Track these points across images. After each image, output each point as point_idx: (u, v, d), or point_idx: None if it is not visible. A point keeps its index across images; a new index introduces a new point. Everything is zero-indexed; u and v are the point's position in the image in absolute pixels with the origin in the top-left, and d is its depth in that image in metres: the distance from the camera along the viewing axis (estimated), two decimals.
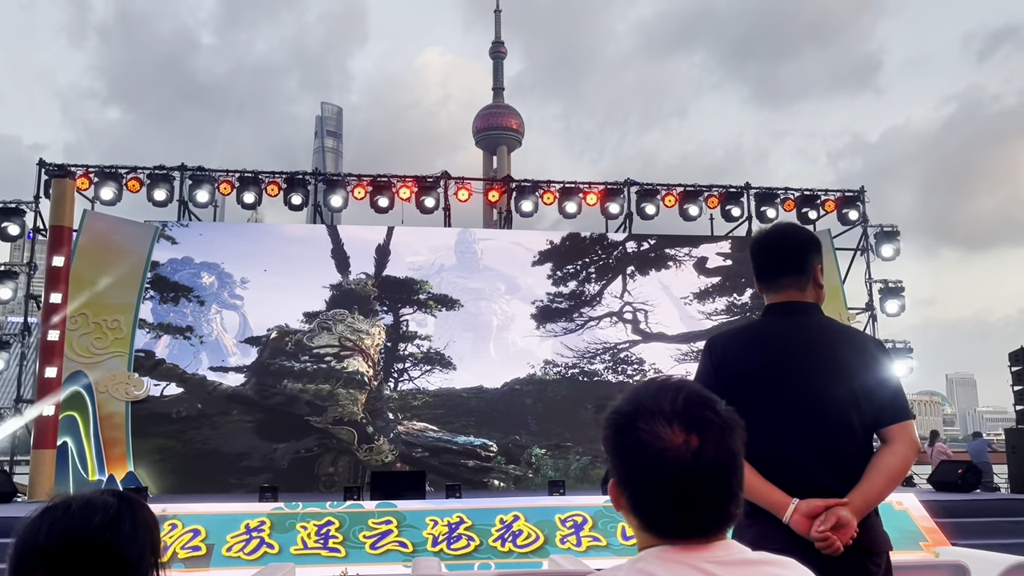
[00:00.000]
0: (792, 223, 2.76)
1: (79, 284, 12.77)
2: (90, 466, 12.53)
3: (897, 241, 15.70)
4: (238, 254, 14.47)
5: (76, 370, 12.67)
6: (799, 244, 2.60)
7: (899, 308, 15.49)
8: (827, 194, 15.97)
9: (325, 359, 14.42)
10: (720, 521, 1.25)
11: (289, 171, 14.93)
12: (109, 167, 14.16)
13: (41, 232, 13.55)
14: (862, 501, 2.30)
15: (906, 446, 2.40)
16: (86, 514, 1.30)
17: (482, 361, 15.09)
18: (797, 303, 2.55)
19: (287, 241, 15.08)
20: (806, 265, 2.56)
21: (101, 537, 1.29)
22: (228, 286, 14.31)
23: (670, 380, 1.29)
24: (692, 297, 15.82)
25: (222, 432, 13.47)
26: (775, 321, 2.55)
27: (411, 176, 15.04)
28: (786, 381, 2.41)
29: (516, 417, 14.86)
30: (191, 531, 8.27)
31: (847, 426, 2.39)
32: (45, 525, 1.29)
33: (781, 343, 2.48)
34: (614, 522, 8.69)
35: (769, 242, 2.64)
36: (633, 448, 1.24)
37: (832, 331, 2.55)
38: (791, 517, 2.27)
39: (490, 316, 15.44)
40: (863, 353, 2.48)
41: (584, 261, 15.79)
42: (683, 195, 15.46)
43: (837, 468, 2.35)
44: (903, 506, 9.19)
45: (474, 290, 15.35)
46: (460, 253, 15.52)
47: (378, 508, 8.80)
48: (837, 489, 2.31)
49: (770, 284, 2.59)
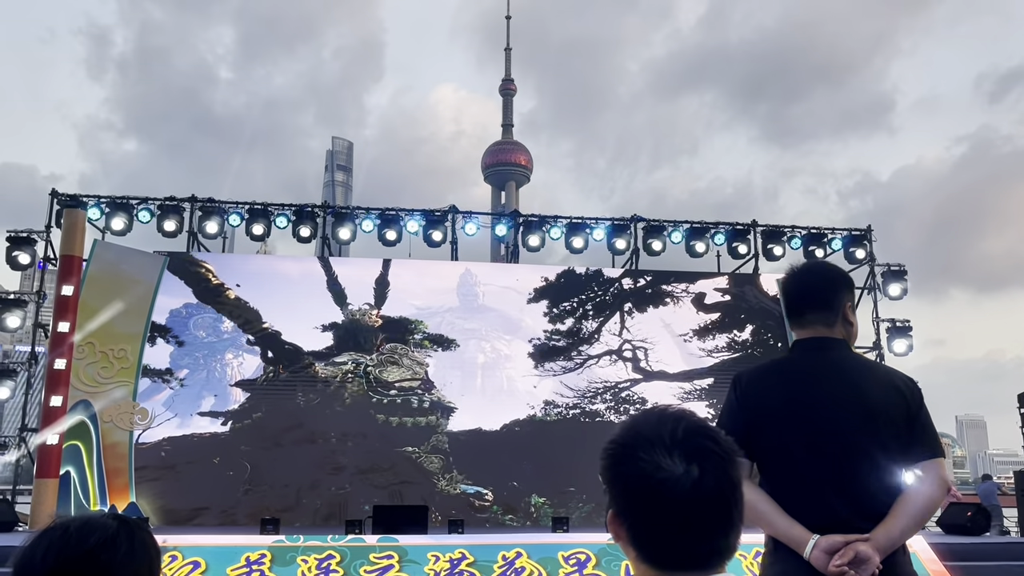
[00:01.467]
0: (824, 261, 2.80)
1: (87, 313, 12.82)
2: (92, 496, 12.46)
3: (904, 280, 15.66)
4: (226, 290, 14.30)
5: (81, 399, 12.66)
6: (828, 281, 2.61)
7: (907, 348, 15.40)
8: (834, 232, 15.98)
9: (414, 391, 14.49)
10: (720, 553, 1.24)
11: (298, 203, 15.03)
12: (120, 198, 14.29)
13: (52, 261, 13.64)
14: (885, 538, 2.27)
15: (933, 484, 2.37)
16: (83, 535, 1.30)
17: (480, 402, 14.79)
18: (824, 339, 2.54)
19: (285, 275, 14.96)
20: (835, 301, 2.57)
21: (96, 558, 1.29)
22: (246, 331, 14.22)
23: (669, 410, 1.29)
24: (692, 334, 15.64)
25: (215, 462, 13.38)
26: (801, 357, 2.55)
27: (419, 209, 15.12)
28: (809, 417, 2.40)
29: (514, 461, 14.47)
30: (191, 563, 8.20)
31: (871, 463, 2.37)
32: (42, 546, 1.30)
33: (805, 379, 2.48)
34: (618, 560, 8.59)
35: (798, 278, 2.65)
36: (633, 478, 1.23)
37: (860, 367, 2.54)
38: (811, 553, 2.25)
39: (488, 356, 15.20)
40: (891, 390, 2.46)
41: (580, 298, 15.66)
42: (690, 232, 15.50)
43: (859, 505, 2.33)
44: (912, 548, 9.04)
45: (471, 330, 15.14)
46: (462, 295, 15.36)
47: (379, 542, 8.72)
48: (860, 526, 2.29)
49: (798, 320, 2.61)
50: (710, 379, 15.29)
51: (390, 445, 14.09)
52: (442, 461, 14.25)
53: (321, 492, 13.50)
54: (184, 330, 13.92)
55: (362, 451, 13.96)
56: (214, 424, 13.61)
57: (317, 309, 14.57)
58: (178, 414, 13.48)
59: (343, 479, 13.66)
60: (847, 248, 15.80)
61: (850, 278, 2.73)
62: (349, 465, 13.80)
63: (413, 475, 14.01)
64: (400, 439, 14.16)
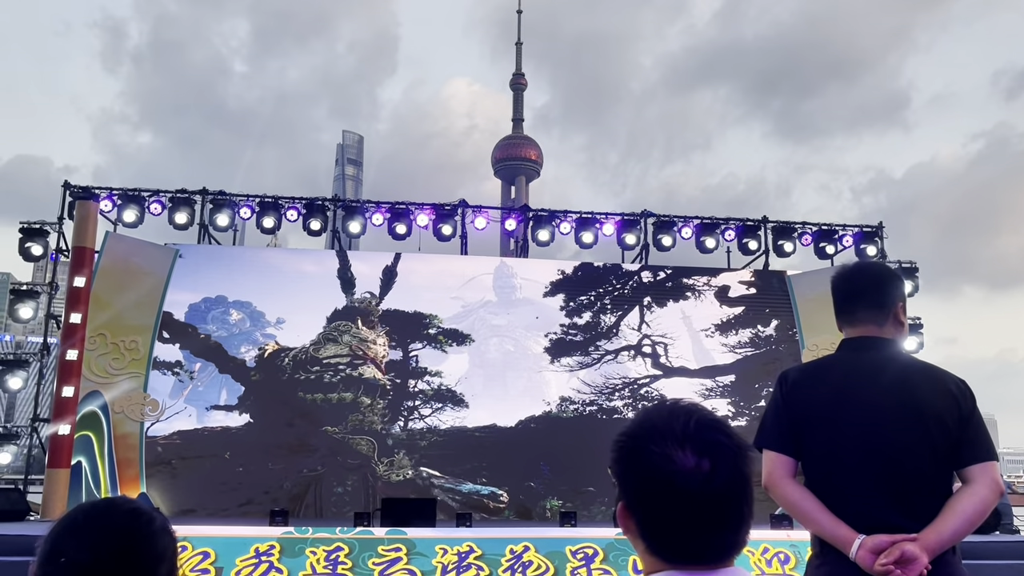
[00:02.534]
0: (878, 261, 2.78)
1: (99, 305, 12.89)
2: (103, 486, 12.55)
3: (916, 278, 15.58)
4: (238, 283, 14.27)
5: (93, 390, 12.74)
6: (880, 279, 2.60)
7: (917, 345, 15.32)
8: (845, 229, 15.92)
9: (339, 368, 14.16)
10: (729, 547, 1.24)
11: (309, 197, 15.07)
12: (132, 190, 14.36)
13: (64, 253, 13.72)
14: (936, 539, 2.25)
15: (986, 487, 2.33)
16: (118, 504, 1.35)
17: (496, 398, 14.53)
18: (874, 339, 2.53)
19: (293, 269, 14.82)
20: (886, 300, 2.55)
21: (149, 527, 1.35)
22: (260, 325, 14.21)
23: (680, 403, 1.29)
24: (714, 329, 15.33)
25: (227, 457, 13.43)
26: (849, 356, 2.53)
27: (429, 203, 15.13)
28: (855, 417, 2.39)
29: (530, 459, 14.15)
30: (201, 553, 8.26)
31: (918, 464, 2.35)
32: (80, 515, 1.34)
33: (854, 378, 2.46)
34: (625, 555, 8.60)
35: (850, 277, 2.64)
36: (643, 471, 1.23)
37: (910, 368, 2.51)
38: (857, 553, 2.23)
39: (506, 351, 14.95)
40: (942, 391, 2.43)
41: (598, 291, 15.39)
42: (700, 227, 15.46)
43: (906, 505, 2.32)
44: None
45: (498, 327, 14.90)
46: (499, 288, 15.11)
47: (388, 535, 8.75)
48: (906, 526, 2.27)
49: (848, 319, 2.59)
50: (732, 376, 15.04)
51: (314, 426, 13.84)
52: (369, 444, 13.86)
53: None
54: (202, 323, 13.97)
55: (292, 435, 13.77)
56: (228, 417, 13.66)
57: (327, 303, 14.54)
58: (192, 407, 13.55)
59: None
60: (858, 245, 15.72)
61: (902, 277, 2.71)
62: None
63: (344, 457, 13.72)
64: (321, 418, 13.90)
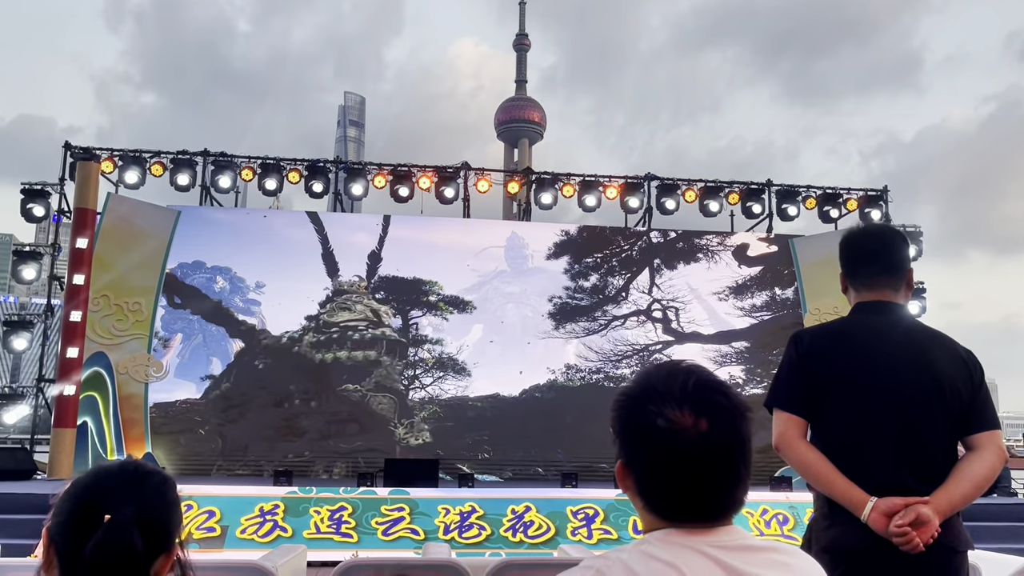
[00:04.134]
0: (888, 224, 2.76)
1: (101, 266, 12.91)
2: (109, 446, 12.69)
3: (920, 242, 15.54)
4: (235, 249, 14.11)
5: (97, 351, 12.82)
6: (896, 243, 2.59)
7: (920, 310, 15.33)
8: (849, 193, 15.83)
9: (359, 328, 14.02)
10: (726, 506, 1.26)
11: (311, 159, 14.99)
12: (133, 151, 14.29)
13: (66, 214, 13.71)
14: (947, 502, 2.28)
15: (994, 454, 2.38)
16: (163, 473, 1.43)
17: (499, 367, 14.14)
18: (890, 303, 2.53)
19: (279, 232, 14.51)
20: (902, 265, 2.56)
21: (174, 493, 1.41)
22: (241, 291, 14.03)
23: (681, 364, 1.30)
24: (728, 292, 14.82)
25: (241, 417, 13.54)
26: (866, 319, 2.53)
27: (431, 166, 15.05)
28: (874, 380, 2.39)
29: (535, 432, 13.63)
30: (206, 512, 8.38)
31: (933, 429, 2.37)
32: (130, 467, 1.38)
33: (871, 341, 2.46)
34: (625, 515, 8.70)
35: (865, 239, 2.62)
36: (641, 429, 1.25)
37: (923, 334, 2.53)
38: (869, 515, 2.25)
39: (507, 318, 14.56)
40: (951, 358, 2.46)
41: (605, 253, 14.97)
42: (703, 191, 15.37)
43: (919, 469, 2.34)
44: None
45: (511, 295, 14.54)
46: (511, 259, 14.82)
47: (391, 495, 8.86)
48: (918, 489, 2.29)
49: (864, 282, 2.56)
50: (746, 341, 14.73)
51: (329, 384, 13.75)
52: (392, 402, 13.75)
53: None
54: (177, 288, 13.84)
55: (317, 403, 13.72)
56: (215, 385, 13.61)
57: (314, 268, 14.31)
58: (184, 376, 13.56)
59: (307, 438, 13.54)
60: (862, 209, 15.66)
61: (909, 243, 2.71)
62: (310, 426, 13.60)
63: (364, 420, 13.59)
64: (337, 376, 13.77)
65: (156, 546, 1.32)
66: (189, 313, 13.81)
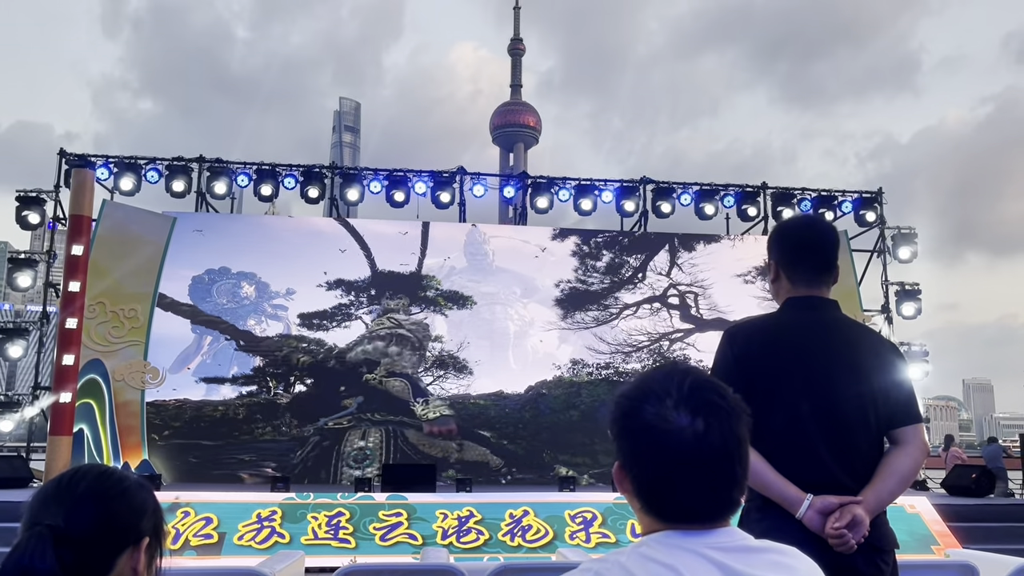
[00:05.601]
0: (821, 217, 2.76)
1: (97, 273, 12.89)
2: (105, 453, 12.66)
3: (914, 243, 15.58)
4: (242, 254, 14.13)
5: (93, 358, 12.79)
6: (832, 239, 2.61)
7: (915, 311, 15.37)
8: (844, 195, 15.87)
9: (381, 335, 14.07)
10: (723, 507, 1.26)
11: (306, 164, 14.99)
12: (129, 158, 14.28)
13: (61, 221, 13.69)
14: (875, 500, 2.31)
15: (918, 448, 2.42)
16: (88, 469, 1.37)
17: (501, 368, 13.97)
18: (823, 299, 2.55)
19: (294, 238, 14.58)
20: (835, 261, 2.59)
21: (120, 485, 1.36)
22: (268, 296, 14.10)
23: (678, 365, 1.31)
24: (755, 273, 14.18)
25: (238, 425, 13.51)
26: (799, 316, 2.54)
27: (427, 171, 15.05)
28: (807, 377, 2.41)
29: (543, 431, 13.37)
30: (203, 519, 8.35)
31: (863, 424, 2.39)
32: (51, 484, 1.35)
33: (804, 338, 2.48)
34: (623, 519, 8.69)
35: (806, 233, 2.62)
36: (638, 430, 1.25)
37: (851, 330, 2.57)
38: (805, 513, 2.26)
39: (506, 321, 14.33)
40: (880, 353, 2.50)
41: (615, 232, 14.52)
42: (699, 194, 15.39)
43: (851, 466, 2.36)
44: (915, 509, 9.13)
45: (488, 294, 14.36)
46: (471, 255, 14.65)
47: (389, 500, 8.85)
48: (851, 487, 2.31)
49: (804, 277, 2.56)
50: None
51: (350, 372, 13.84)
52: (404, 385, 13.77)
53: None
54: (207, 297, 13.89)
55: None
56: (235, 390, 13.67)
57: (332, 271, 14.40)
58: (202, 380, 13.59)
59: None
60: (857, 211, 15.70)
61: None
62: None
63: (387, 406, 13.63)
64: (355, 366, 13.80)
65: (96, 555, 1.29)
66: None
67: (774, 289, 2.65)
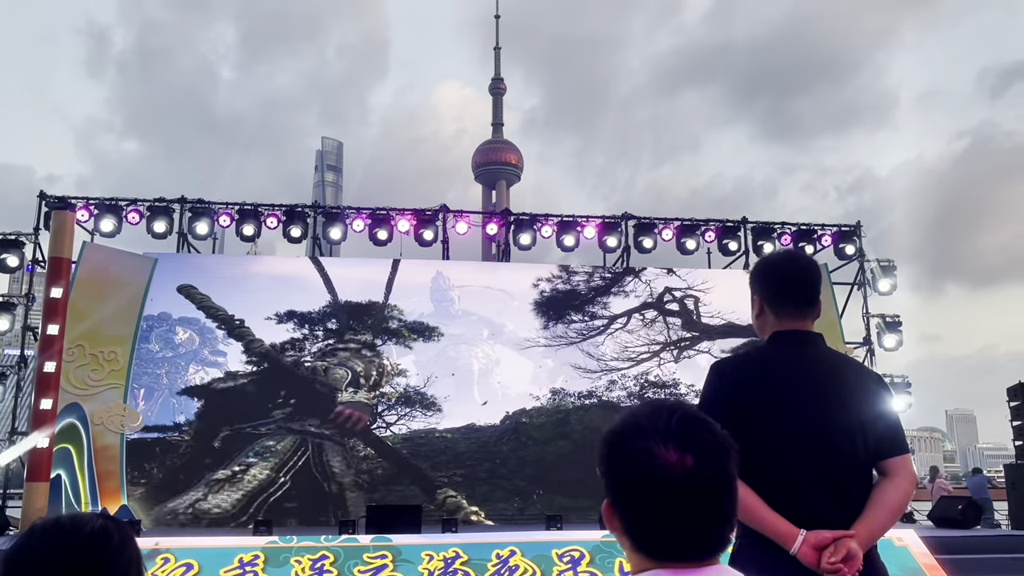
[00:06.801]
0: (803, 252, 2.80)
1: (77, 316, 12.74)
2: (83, 499, 12.41)
3: (894, 276, 15.74)
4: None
5: (72, 402, 12.60)
6: (816, 274, 2.65)
7: (897, 343, 15.47)
8: (824, 229, 16.04)
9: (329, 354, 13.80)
10: (713, 544, 1.25)
11: (288, 204, 14.99)
12: (109, 199, 14.23)
13: (40, 264, 13.57)
14: (867, 534, 2.30)
15: (907, 480, 2.42)
16: (77, 526, 1.32)
17: (468, 402, 13.46)
18: (808, 333, 2.57)
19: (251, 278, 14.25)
20: (818, 296, 2.62)
21: (91, 549, 1.31)
22: (210, 342, 13.72)
23: (667, 401, 1.31)
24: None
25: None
26: (786, 350, 2.55)
27: (410, 209, 15.09)
28: (796, 410, 2.41)
29: (527, 466, 12.68)
30: (184, 565, 8.17)
31: (852, 457, 2.40)
32: (36, 538, 1.31)
33: (792, 372, 2.49)
34: (611, 557, 8.60)
35: (799, 270, 2.64)
36: (627, 467, 1.24)
37: (837, 362, 2.58)
38: (799, 548, 2.25)
39: (471, 360, 13.93)
40: (866, 385, 2.51)
41: (599, 267, 14.37)
42: (680, 229, 15.50)
43: (841, 499, 2.36)
44: (903, 542, 9.10)
45: (454, 335, 14.08)
46: (437, 301, 14.43)
47: (373, 542, 8.71)
48: (841, 521, 2.31)
49: (790, 311, 2.58)
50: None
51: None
52: (347, 373, 13.48)
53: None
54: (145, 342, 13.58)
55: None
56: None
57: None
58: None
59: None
60: (836, 244, 15.86)
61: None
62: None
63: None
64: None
65: None
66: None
67: (759, 323, 2.66)
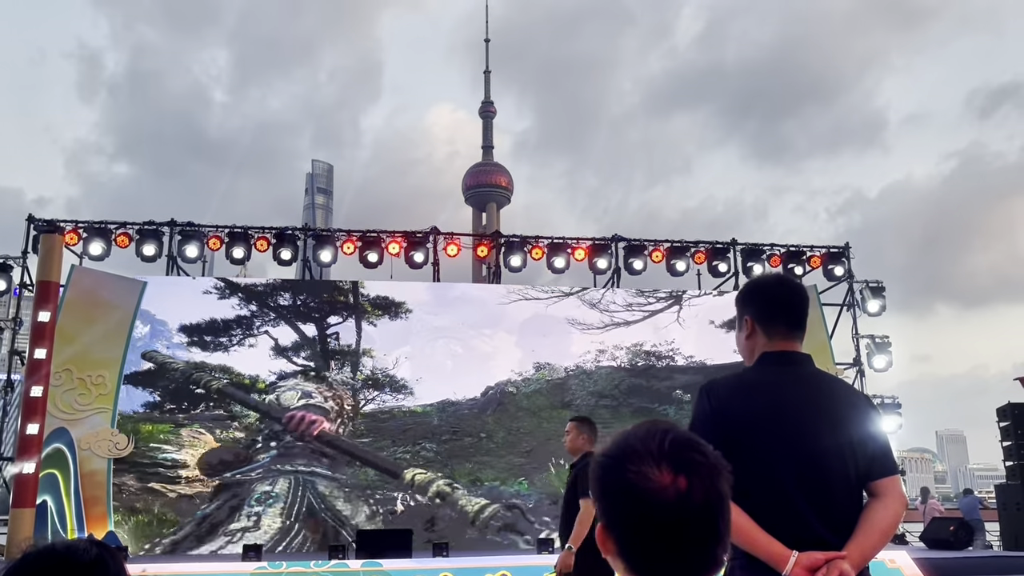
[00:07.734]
0: (792, 275, 2.83)
1: (64, 339, 12.66)
2: (70, 525, 12.27)
3: (883, 297, 15.82)
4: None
5: (58, 427, 12.48)
6: (804, 295, 2.69)
7: (887, 363, 15.53)
8: (813, 250, 16.14)
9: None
10: (706, 565, 1.25)
11: (279, 226, 14.99)
12: (98, 222, 14.19)
13: (28, 287, 13.50)
14: (859, 555, 2.30)
15: (897, 501, 2.43)
16: (73, 554, 1.30)
17: (440, 380, 12.81)
18: (798, 354, 2.60)
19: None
20: (806, 316, 2.65)
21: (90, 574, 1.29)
22: (164, 335, 13.61)
23: (659, 423, 1.31)
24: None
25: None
26: (776, 371, 2.57)
27: (400, 231, 15.11)
28: (787, 432, 2.42)
29: (522, 440, 12.33)
30: None
31: (843, 478, 2.40)
32: (30, 566, 1.29)
33: (782, 393, 2.50)
34: None
35: (789, 292, 2.68)
36: (620, 489, 1.24)
37: (827, 383, 2.60)
38: (792, 570, 2.25)
39: (459, 356, 13.53)
40: (855, 405, 2.53)
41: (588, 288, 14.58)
42: (670, 251, 15.57)
43: (833, 520, 2.36)
44: (895, 564, 9.09)
45: (441, 328, 13.66)
46: (433, 290, 14.66)
47: (364, 568, 8.64)
48: (833, 542, 2.31)
49: (780, 331, 2.61)
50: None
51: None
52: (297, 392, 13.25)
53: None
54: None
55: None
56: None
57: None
58: None
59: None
60: (826, 265, 15.95)
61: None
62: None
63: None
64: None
65: None
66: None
67: (748, 344, 2.67)
